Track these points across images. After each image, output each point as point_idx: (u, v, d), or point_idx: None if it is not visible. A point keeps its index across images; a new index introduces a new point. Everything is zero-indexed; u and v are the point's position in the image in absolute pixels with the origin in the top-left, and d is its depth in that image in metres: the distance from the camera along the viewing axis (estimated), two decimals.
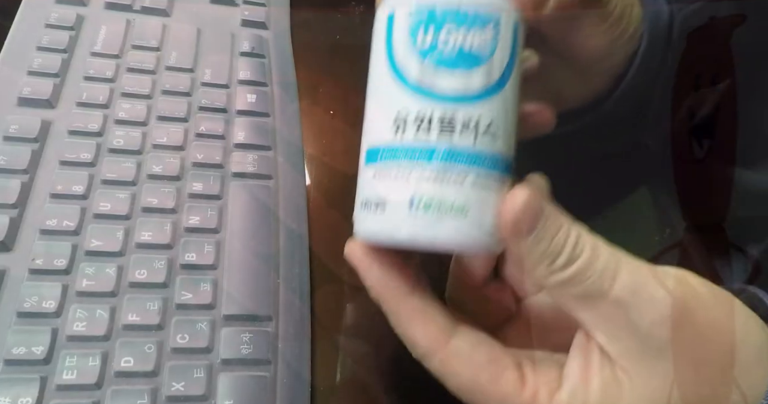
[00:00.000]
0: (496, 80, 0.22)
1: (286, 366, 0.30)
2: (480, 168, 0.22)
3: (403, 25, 0.23)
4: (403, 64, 0.23)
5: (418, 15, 0.23)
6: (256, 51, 0.43)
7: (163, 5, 0.43)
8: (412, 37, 0.23)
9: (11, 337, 0.27)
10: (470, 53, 0.22)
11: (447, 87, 0.22)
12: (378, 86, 0.24)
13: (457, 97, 0.22)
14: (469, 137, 0.22)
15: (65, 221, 0.31)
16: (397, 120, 0.22)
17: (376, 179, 0.23)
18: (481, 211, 0.22)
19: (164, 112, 0.37)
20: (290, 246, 0.34)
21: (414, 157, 0.22)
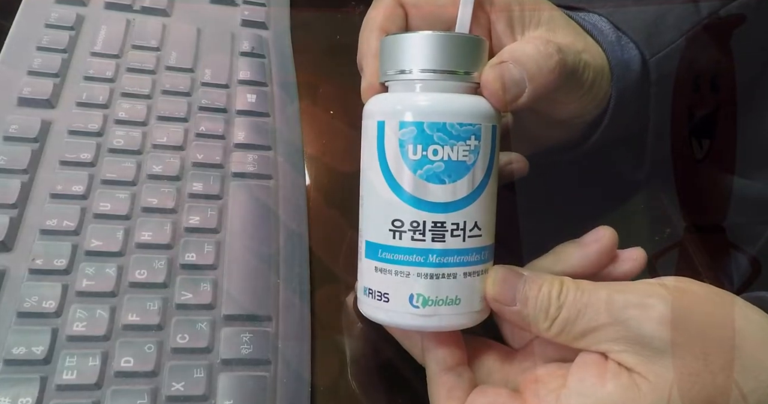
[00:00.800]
0: (479, 183, 0.25)
1: (286, 366, 0.30)
2: (469, 262, 0.25)
3: (393, 138, 0.25)
4: (396, 174, 0.25)
5: (406, 130, 0.24)
6: (256, 51, 0.43)
7: (163, 5, 0.43)
8: (402, 150, 0.24)
9: (11, 337, 0.27)
10: (456, 165, 0.24)
11: (438, 198, 0.24)
12: (373, 187, 0.26)
13: (447, 204, 0.24)
14: (459, 238, 0.25)
15: (65, 221, 0.31)
16: (394, 226, 0.25)
17: (378, 274, 0.25)
18: (471, 296, 0.25)
19: (164, 112, 0.37)
20: (290, 246, 0.34)
21: (411, 259, 0.25)
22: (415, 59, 0.25)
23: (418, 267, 0.25)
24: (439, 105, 0.24)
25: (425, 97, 0.25)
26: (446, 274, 0.25)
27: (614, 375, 0.23)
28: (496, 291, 0.25)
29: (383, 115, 0.25)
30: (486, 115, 0.25)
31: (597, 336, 0.24)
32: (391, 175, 0.25)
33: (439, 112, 0.24)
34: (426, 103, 0.25)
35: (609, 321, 0.23)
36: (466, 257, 0.25)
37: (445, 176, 0.24)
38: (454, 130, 0.24)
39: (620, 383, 0.23)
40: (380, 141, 0.25)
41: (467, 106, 0.25)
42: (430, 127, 0.24)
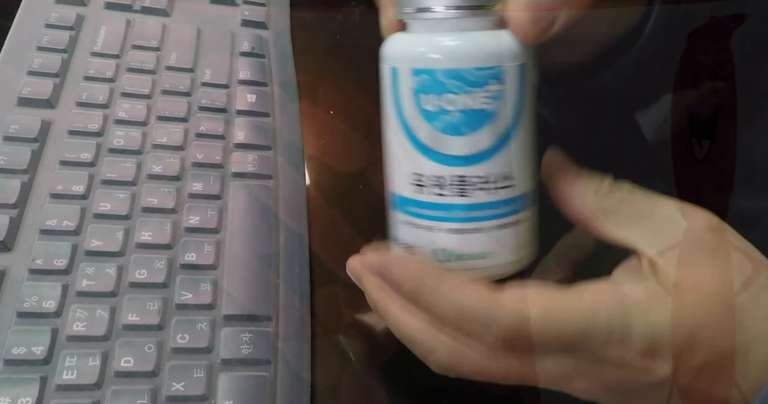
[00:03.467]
0: (504, 131, 0.22)
1: (286, 366, 0.30)
2: (498, 215, 0.23)
3: (407, 85, 0.23)
4: (412, 125, 0.23)
5: (419, 77, 0.22)
6: (256, 51, 0.43)
7: (163, 5, 0.43)
8: (416, 99, 0.22)
9: (11, 337, 0.27)
10: (476, 114, 0.22)
11: (457, 150, 0.22)
12: (393, 138, 0.24)
13: (468, 157, 0.22)
14: (484, 192, 0.23)
15: (65, 221, 0.31)
16: (415, 179, 0.23)
17: (403, 226, 0.25)
18: (503, 248, 0.24)
19: (164, 112, 0.37)
20: (290, 246, 0.34)
21: (435, 214, 0.23)
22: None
23: (443, 222, 0.23)
24: (453, 48, 0.22)
25: (437, 40, 0.22)
26: (473, 229, 0.23)
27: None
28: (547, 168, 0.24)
29: (396, 60, 0.23)
30: (510, 53, 0.22)
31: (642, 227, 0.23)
32: (407, 125, 0.23)
33: (453, 57, 0.22)
34: (438, 47, 0.22)
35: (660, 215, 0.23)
36: (494, 210, 0.23)
37: (463, 127, 0.22)
38: (471, 75, 0.22)
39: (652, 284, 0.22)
40: (395, 88, 0.23)
41: (486, 46, 0.22)
42: (444, 74, 0.22)
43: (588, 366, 0.22)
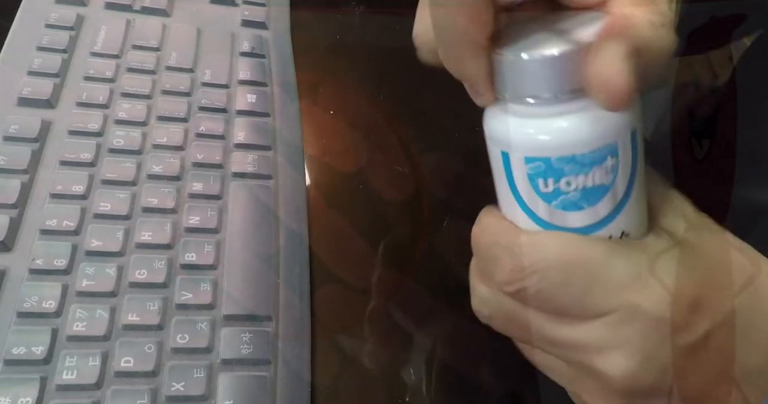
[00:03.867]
0: (622, 196, 0.22)
1: (286, 366, 0.30)
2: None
3: (521, 170, 0.22)
4: (530, 204, 0.23)
5: (533, 165, 0.22)
6: (256, 51, 0.43)
7: (163, 5, 0.43)
8: (532, 183, 0.22)
9: (11, 337, 0.27)
10: (594, 189, 0.22)
11: (578, 223, 0.22)
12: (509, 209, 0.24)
13: (589, 226, 0.22)
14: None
15: (65, 221, 0.31)
16: None
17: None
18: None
19: (164, 112, 0.37)
20: (290, 246, 0.34)
21: None
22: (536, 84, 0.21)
23: None
24: (565, 135, 0.21)
25: (548, 126, 0.21)
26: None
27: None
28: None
29: (505, 146, 0.22)
30: (622, 127, 0.21)
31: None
32: (524, 203, 0.23)
33: (566, 145, 0.21)
34: (550, 133, 0.21)
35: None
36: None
37: (583, 202, 0.22)
38: (586, 158, 0.21)
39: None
40: (508, 171, 0.23)
41: (597, 126, 0.21)
42: (559, 160, 0.21)
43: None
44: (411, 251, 0.37)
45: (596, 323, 0.22)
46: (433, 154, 0.41)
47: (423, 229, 0.39)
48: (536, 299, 0.22)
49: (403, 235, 0.38)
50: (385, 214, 0.39)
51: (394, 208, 0.39)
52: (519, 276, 0.22)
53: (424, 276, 0.36)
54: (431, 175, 0.40)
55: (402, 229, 0.38)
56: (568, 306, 0.22)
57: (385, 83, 0.45)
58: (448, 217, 0.39)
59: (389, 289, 0.35)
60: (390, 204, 0.39)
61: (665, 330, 0.21)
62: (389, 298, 0.34)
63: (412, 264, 0.36)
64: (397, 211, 0.39)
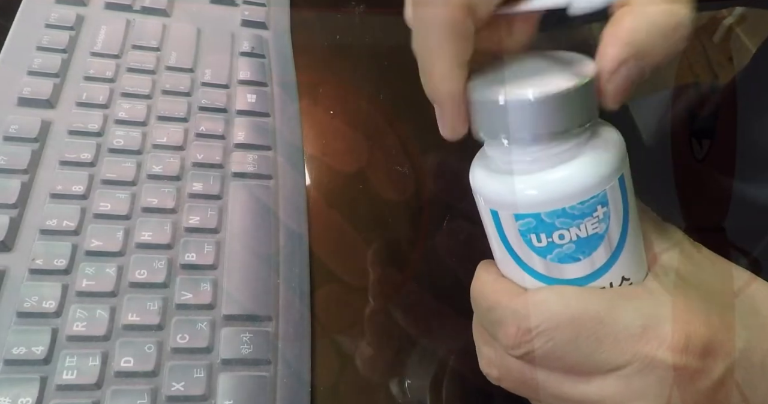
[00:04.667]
0: (617, 243, 0.22)
1: (286, 366, 0.30)
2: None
3: (512, 227, 0.22)
4: (525, 259, 0.22)
5: (524, 221, 0.21)
6: (256, 51, 0.43)
7: (163, 5, 0.43)
8: (525, 239, 0.22)
9: (11, 337, 0.27)
10: (588, 239, 0.22)
11: (575, 274, 0.22)
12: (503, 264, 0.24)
13: (587, 276, 0.22)
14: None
15: (65, 221, 0.31)
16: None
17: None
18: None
19: (164, 112, 0.37)
20: (290, 246, 0.34)
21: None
22: (519, 126, 0.20)
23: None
24: (553, 190, 0.21)
25: (536, 182, 0.21)
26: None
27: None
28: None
29: (493, 204, 0.22)
30: (610, 173, 0.21)
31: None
32: (520, 259, 0.22)
33: (555, 199, 0.21)
34: (538, 190, 0.21)
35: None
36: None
37: (578, 254, 0.22)
38: (576, 210, 0.21)
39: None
40: (499, 227, 0.22)
41: (584, 177, 0.20)
42: (549, 215, 0.21)
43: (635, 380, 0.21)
44: (411, 251, 0.37)
45: (610, 378, 0.21)
46: (433, 154, 0.41)
47: (423, 229, 0.39)
48: (545, 360, 0.22)
49: (403, 235, 0.38)
50: (385, 214, 0.39)
51: (394, 208, 0.39)
52: (525, 339, 0.22)
53: (424, 276, 0.36)
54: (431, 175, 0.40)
55: (402, 229, 0.38)
56: (578, 364, 0.21)
57: (385, 83, 0.45)
58: (448, 217, 0.39)
59: (389, 289, 0.35)
60: (390, 204, 0.39)
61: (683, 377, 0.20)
62: (389, 298, 0.34)
63: (412, 264, 0.36)
64: (397, 211, 0.39)
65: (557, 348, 0.21)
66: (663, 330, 0.20)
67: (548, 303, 0.22)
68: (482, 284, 0.24)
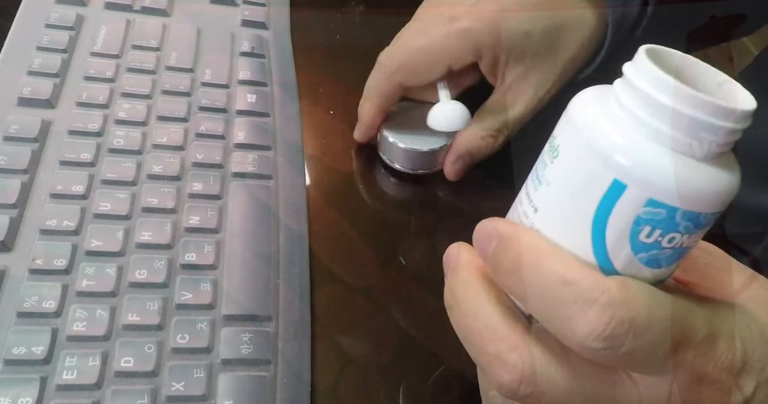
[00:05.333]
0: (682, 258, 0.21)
1: (286, 366, 0.30)
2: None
3: (630, 210, 0.19)
4: (611, 248, 0.20)
5: (653, 210, 0.19)
6: (256, 51, 0.43)
7: (163, 5, 0.43)
8: (634, 228, 0.20)
9: (11, 337, 0.27)
10: (683, 251, 0.20)
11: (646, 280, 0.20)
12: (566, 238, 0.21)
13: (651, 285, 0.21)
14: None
15: (65, 221, 0.31)
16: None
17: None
18: None
19: (164, 112, 0.37)
20: (290, 246, 0.34)
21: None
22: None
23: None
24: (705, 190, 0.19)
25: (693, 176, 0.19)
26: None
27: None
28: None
29: (628, 176, 0.19)
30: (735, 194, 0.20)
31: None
32: (603, 246, 0.20)
33: (702, 200, 0.19)
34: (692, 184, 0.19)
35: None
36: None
37: (665, 262, 0.20)
38: (706, 219, 0.19)
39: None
40: (607, 202, 0.19)
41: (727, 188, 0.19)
42: (684, 215, 0.19)
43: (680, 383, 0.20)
44: (411, 250, 0.37)
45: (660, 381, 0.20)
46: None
47: (423, 229, 0.38)
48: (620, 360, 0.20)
49: (403, 235, 0.38)
50: (385, 214, 0.39)
51: (394, 208, 0.39)
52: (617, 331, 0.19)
53: (424, 275, 0.36)
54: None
55: (402, 229, 0.38)
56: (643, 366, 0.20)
57: None
58: (448, 217, 0.39)
59: (389, 289, 0.35)
60: (390, 204, 0.39)
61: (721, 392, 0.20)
62: (389, 298, 0.34)
63: (412, 264, 0.36)
64: (397, 211, 0.39)
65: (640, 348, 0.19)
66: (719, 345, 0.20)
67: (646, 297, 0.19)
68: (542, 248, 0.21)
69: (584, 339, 0.19)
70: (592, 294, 0.19)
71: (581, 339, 0.19)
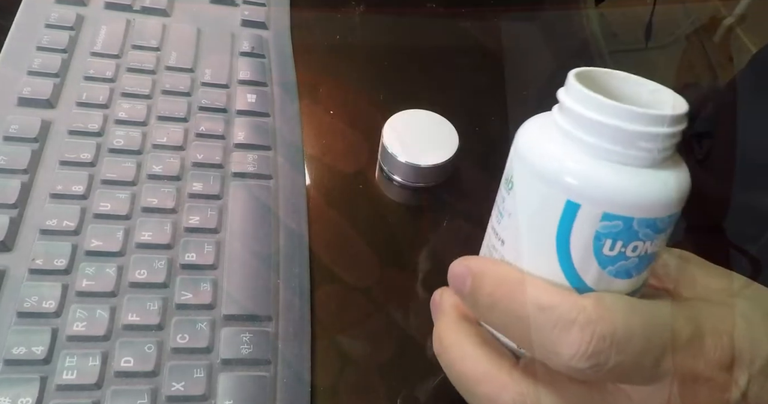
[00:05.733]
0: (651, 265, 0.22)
1: (286, 366, 0.30)
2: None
3: (588, 226, 0.20)
4: (579, 266, 0.20)
5: (610, 224, 0.20)
6: (256, 51, 0.43)
7: (163, 5, 0.43)
8: (596, 244, 0.20)
9: (11, 337, 0.27)
10: (649, 257, 0.21)
11: (620, 291, 0.21)
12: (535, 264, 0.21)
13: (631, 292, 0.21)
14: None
15: (65, 221, 0.31)
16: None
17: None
18: None
19: (164, 112, 0.37)
20: (290, 246, 0.34)
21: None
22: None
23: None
24: (656, 195, 0.19)
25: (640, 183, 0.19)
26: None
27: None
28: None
29: (579, 196, 0.19)
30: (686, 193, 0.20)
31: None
32: (571, 266, 0.20)
33: (655, 205, 0.19)
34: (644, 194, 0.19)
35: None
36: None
37: (634, 271, 0.21)
38: (663, 223, 0.20)
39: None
40: (566, 223, 0.20)
41: (679, 189, 0.20)
42: (641, 223, 0.19)
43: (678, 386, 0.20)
44: (411, 251, 0.37)
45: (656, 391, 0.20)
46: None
47: (423, 229, 0.38)
48: (610, 375, 0.20)
49: (403, 235, 0.38)
50: (385, 214, 0.39)
51: (394, 208, 0.39)
52: (600, 347, 0.19)
53: (424, 275, 0.36)
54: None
55: (402, 229, 0.38)
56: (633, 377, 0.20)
57: (385, 83, 0.45)
58: (448, 217, 0.39)
59: (389, 289, 0.35)
60: (390, 204, 0.39)
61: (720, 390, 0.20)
62: (389, 298, 0.34)
63: (412, 264, 0.36)
64: (398, 211, 0.39)
65: (626, 361, 0.19)
66: (706, 342, 0.20)
67: (622, 309, 0.20)
68: (514, 279, 0.21)
69: (569, 361, 0.19)
70: (569, 316, 0.19)
71: (567, 362, 0.19)
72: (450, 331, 0.24)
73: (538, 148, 0.21)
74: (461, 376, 0.23)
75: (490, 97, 0.41)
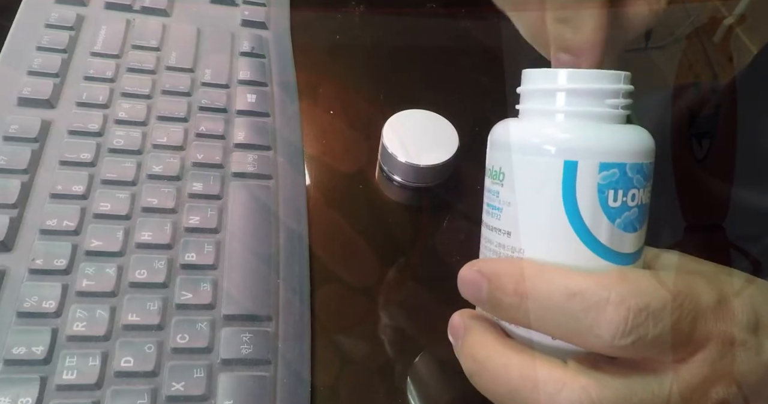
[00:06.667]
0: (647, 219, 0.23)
1: (286, 366, 0.30)
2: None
3: (590, 181, 0.21)
4: (591, 224, 0.21)
5: (608, 173, 0.21)
6: (256, 51, 0.43)
7: (163, 5, 0.43)
8: (601, 197, 0.21)
9: (11, 337, 0.27)
10: (645, 208, 0.22)
11: (631, 248, 0.22)
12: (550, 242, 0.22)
13: (634, 253, 0.22)
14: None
15: (65, 221, 0.31)
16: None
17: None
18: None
19: (164, 112, 0.37)
20: (290, 246, 0.34)
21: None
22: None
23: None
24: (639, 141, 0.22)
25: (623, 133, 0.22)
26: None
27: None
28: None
29: (574, 153, 0.21)
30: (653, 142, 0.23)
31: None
32: (583, 225, 0.21)
33: (641, 150, 0.22)
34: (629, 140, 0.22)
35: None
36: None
37: (637, 223, 0.22)
38: (648, 169, 0.22)
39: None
40: (569, 185, 0.21)
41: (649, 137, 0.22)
42: (632, 168, 0.21)
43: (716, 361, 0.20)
44: (411, 251, 0.37)
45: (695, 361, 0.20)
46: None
47: (423, 229, 0.38)
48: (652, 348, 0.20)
49: (403, 235, 0.38)
50: (385, 214, 0.39)
51: (394, 208, 0.39)
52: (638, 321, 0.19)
53: (424, 275, 0.36)
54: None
55: (402, 229, 0.38)
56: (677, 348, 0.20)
57: (385, 83, 0.45)
58: (448, 217, 0.39)
59: (389, 289, 0.35)
60: (390, 204, 0.39)
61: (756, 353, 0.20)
62: (389, 298, 0.34)
63: (411, 264, 0.36)
64: (398, 211, 0.39)
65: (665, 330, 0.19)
66: (733, 308, 0.20)
67: (648, 281, 0.20)
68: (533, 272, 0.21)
69: (612, 341, 0.19)
70: (600, 297, 0.20)
71: (609, 342, 0.19)
72: (482, 346, 0.23)
73: (522, 131, 0.23)
74: (510, 386, 0.21)
75: (490, 97, 0.41)
